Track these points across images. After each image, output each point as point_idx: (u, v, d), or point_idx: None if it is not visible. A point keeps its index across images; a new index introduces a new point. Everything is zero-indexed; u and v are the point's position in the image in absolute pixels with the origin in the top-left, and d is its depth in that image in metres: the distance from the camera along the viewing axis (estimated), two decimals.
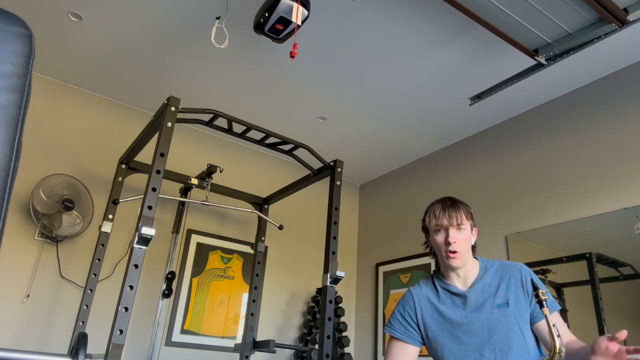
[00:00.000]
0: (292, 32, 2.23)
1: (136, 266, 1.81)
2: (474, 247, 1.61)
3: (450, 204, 1.58)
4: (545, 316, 1.24)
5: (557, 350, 1.19)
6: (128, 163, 2.82)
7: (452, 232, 1.53)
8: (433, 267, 3.49)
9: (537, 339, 1.50)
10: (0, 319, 2.71)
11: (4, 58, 0.57)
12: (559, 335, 1.20)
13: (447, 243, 1.53)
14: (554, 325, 1.20)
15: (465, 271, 1.57)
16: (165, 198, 3.10)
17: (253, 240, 3.30)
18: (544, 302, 1.24)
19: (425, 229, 1.65)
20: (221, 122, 2.56)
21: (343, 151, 4.00)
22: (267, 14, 2.13)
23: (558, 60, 2.49)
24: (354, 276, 4.29)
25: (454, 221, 1.54)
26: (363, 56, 2.84)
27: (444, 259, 1.55)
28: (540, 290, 1.26)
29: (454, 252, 1.52)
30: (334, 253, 2.33)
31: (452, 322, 1.53)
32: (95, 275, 2.62)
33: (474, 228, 1.62)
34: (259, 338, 3.48)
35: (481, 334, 1.47)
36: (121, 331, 1.70)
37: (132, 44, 2.88)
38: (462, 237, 1.54)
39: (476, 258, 1.62)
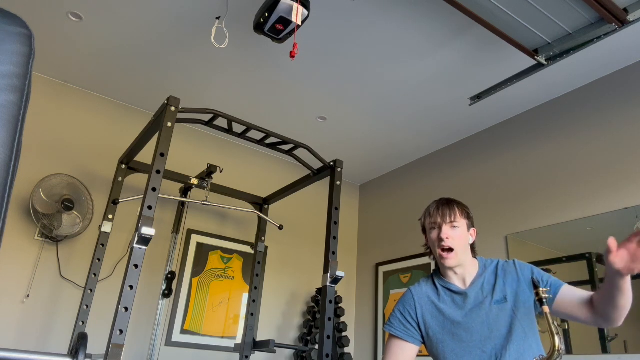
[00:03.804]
0: (292, 32, 2.23)
1: (136, 266, 1.81)
2: (473, 248, 1.62)
3: (445, 202, 1.61)
4: (546, 314, 1.24)
5: (557, 348, 1.19)
6: (128, 163, 2.82)
7: (445, 229, 1.55)
8: (433, 267, 3.50)
9: (537, 335, 1.50)
10: (0, 319, 2.71)
11: (4, 58, 0.57)
12: (558, 333, 1.21)
13: (440, 239, 1.54)
14: (553, 323, 1.21)
15: (464, 270, 1.58)
16: (165, 198, 3.10)
17: (253, 240, 3.30)
18: (544, 300, 1.25)
19: (424, 230, 1.66)
20: (221, 122, 2.56)
21: (343, 151, 4.00)
22: (267, 14, 2.13)
23: (558, 60, 2.49)
24: (354, 276, 4.29)
25: (447, 218, 1.56)
26: (363, 56, 2.84)
27: (438, 258, 1.56)
28: (540, 289, 1.27)
29: (448, 249, 1.53)
30: (334, 253, 2.33)
31: (453, 320, 1.53)
32: (95, 275, 2.62)
33: (472, 228, 1.63)
34: (259, 338, 3.48)
35: (482, 331, 1.47)
36: (121, 331, 1.70)
37: (132, 43, 2.88)
38: (455, 234, 1.55)
39: (475, 258, 1.62)
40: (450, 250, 1.54)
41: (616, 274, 1.28)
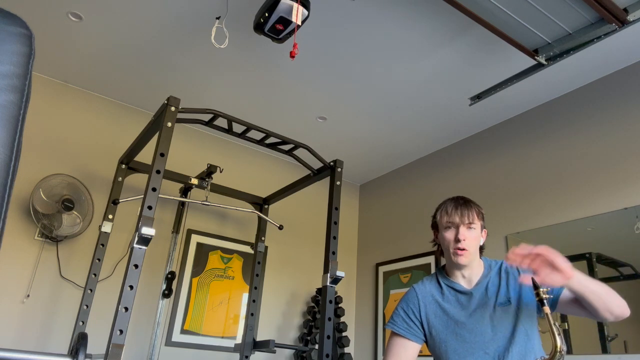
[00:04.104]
0: (292, 32, 2.23)
1: (136, 266, 1.81)
2: (481, 248, 1.62)
3: (463, 202, 1.59)
4: (546, 315, 1.24)
5: (558, 349, 1.19)
6: (128, 163, 2.82)
7: (463, 230, 1.54)
8: (433, 267, 3.50)
9: (539, 336, 1.50)
10: (0, 319, 2.71)
11: (4, 58, 0.57)
12: (559, 334, 1.20)
13: (457, 240, 1.53)
14: (554, 324, 1.20)
15: (471, 271, 1.58)
16: (165, 198, 3.10)
17: (253, 240, 3.30)
18: (545, 301, 1.25)
19: (435, 226, 1.65)
20: (221, 122, 2.56)
21: (343, 151, 4.00)
22: (267, 14, 2.13)
23: (558, 60, 2.49)
24: (354, 276, 4.29)
25: (465, 219, 1.55)
26: (363, 56, 2.84)
27: (451, 256, 1.55)
28: (540, 289, 1.26)
29: (463, 249, 1.52)
30: (334, 253, 2.33)
31: (456, 320, 1.53)
32: (95, 275, 2.62)
33: (484, 229, 1.62)
34: (259, 338, 3.48)
35: (485, 332, 1.47)
36: (121, 331, 1.70)
37: (132, 44, 2.88)
38: (472, 235, 1.55)
39: (481, 258, 1.62)
40: (465, 250, 1.53)
41: (564, 286, 1.30)
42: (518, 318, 1.46)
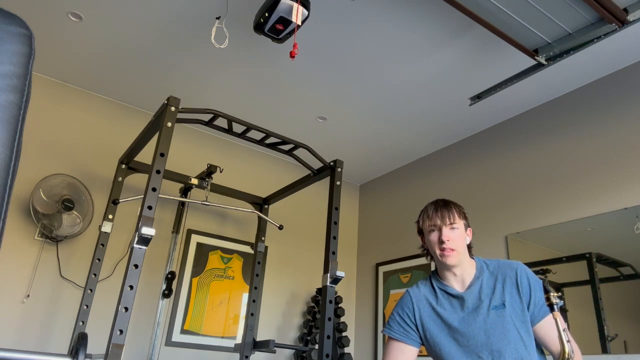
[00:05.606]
0: (292, 32, 2.23)
1: (136, 266, 1.81)
2: (470, 247, 1.62)
3: (442, 204, 1.62)
4: (555, 320, 1.20)
5: (567, 356, 1.15)
6: (128, 163, 2.82)
7: (445, 231, 1.55)
8: (433, 267, 3.50)
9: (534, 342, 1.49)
10: (0, 319, 2.71)
11: (4, 58, 0.57)
12: (568, 341, 1.17)
13: (441, 241, 1.55)
14: (564, 330, 1.17)
15: (462, 271, 1.57)
16: (165, 198, 3.10)
17: (253, 240, 3.30)
18: (555, 306, 1.21)
19: (421, 231, 1.67)
20: (221, 122, 2.56)
21: (343, 151, 4.00)
22: (267, 14, 2.13)
23: (558, 60, 2.49)
24: (354, 276, 4.29)
25: (446, 220, 1.56)
26: (363, 56, 2.84)
27: (439, 257, 1.56)
28: (551, 294, 1.23)
29: (449, 249, 1.53)
30: (334, 253, 2.33)
31: (450, 324, 1.53)
32: (95, 275, 2.62)
33: (468, 228, 1.63)
34: (259, 338, 3.48)
35: (478, 336, 1.47)
36: (121, 331, 1.70)
37: (132, 44, 2.88)
38: (455, 235, 1.56)
39: (473, 258, 1.62)
40: (452, 250, 1.54)
41: None
42: (513, 321, 1.44)
